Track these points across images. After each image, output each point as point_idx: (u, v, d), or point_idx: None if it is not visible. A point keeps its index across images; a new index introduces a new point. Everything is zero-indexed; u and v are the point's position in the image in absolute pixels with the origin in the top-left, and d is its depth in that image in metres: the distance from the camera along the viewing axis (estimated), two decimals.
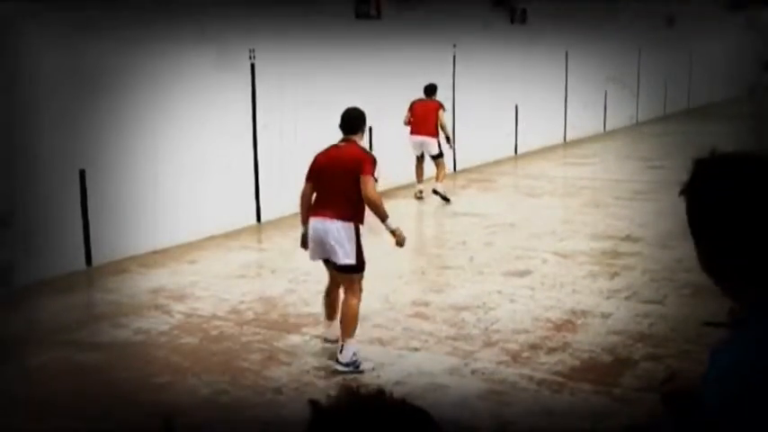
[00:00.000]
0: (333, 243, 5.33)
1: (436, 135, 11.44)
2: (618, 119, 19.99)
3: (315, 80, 10.55)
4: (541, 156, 15.84)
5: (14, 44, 7.21)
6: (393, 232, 5.54)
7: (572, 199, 11.73)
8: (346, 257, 5.35)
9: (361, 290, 5.49)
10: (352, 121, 5.64)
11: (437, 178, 11.61)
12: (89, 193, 7.91)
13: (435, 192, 11.56)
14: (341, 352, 5.40)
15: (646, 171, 13.76)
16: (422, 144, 11.57)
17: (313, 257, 5.58)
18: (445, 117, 11.54)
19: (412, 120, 11.50)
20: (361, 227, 5.47)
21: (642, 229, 9.49)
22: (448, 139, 11.50)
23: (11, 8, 7.14)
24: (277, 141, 10.14)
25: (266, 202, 10.06)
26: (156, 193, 8.58)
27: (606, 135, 18.80)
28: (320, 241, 5.41)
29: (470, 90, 13.97)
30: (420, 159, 11.79)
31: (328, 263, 5.58)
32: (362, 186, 5.30)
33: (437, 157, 11.55)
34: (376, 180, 5.41)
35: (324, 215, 5.38)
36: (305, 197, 5.60)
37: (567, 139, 17.92)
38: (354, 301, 5.43)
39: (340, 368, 5.36)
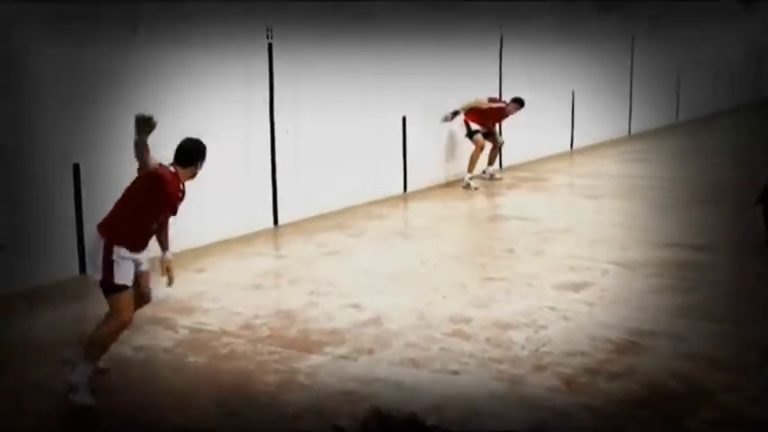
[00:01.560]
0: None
1: (469, 119, 12.31)
2: (693, 108, 19.81)
3: (340, 66, 10.54)
4: (601, 151, 15.72)
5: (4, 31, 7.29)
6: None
7: (636, 201, 11.62)
8: (96, 272, 5.45)
9: (123, 320, 5.42)
10: (186, 154, 5.68)
11: (468, 167, 12.37)
12: (84, 190, 7.95)
13: (462, 186, 12.27)
14: (73, 369, 5.33)
15: (722, 169, 13.59)
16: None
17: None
18: (482, 103, 12.33)
19: None
20: (116, 247, 5.40)
21: (717, 236, 9.37)
22: (454, 114, 12.32)
23: None
24: (297, 133, 10.14)
25: (285, 202, 10.06)
26: None
27: (678, 127, 18.64)
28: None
29: (519, 76, 13.90)
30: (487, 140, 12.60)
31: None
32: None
33: (471, 136, 12.40)
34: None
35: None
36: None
37: (633, 132, 17.79)
38: (111, 326, 5.40)
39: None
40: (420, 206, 11.45)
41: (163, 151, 5.59)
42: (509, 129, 13.57)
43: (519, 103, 12.59)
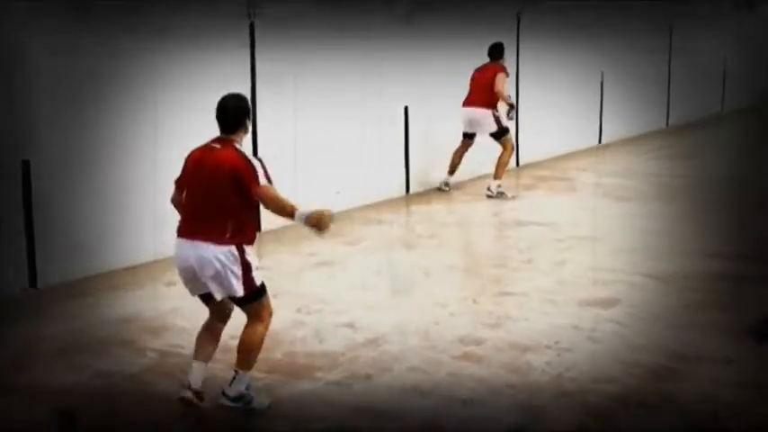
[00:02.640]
0: (210, 275, 5.45)
1: (491, 106, 11.79)
2: (743, 96, 19.77)
3: (333, 50, 10.53)
4: (633, 146, 15.72)
5: None
6: (308, 220, 5.62)
7: (673, 204, 11.63)
8: (231, 290, 5.49)
9: (269, 314, 5.68)
10: (232, 117, 5.60)
11: (496, 173, 11.86)
12: (35, 189, 7.92)
13: (489, 195, 11.70)
14: (231, 384, 5.58)
15: None
16: (471, 119, 11.96)
17: (191, 292, 5.73)
18: (505, 83, 11.78)
19: (468, 89, 11.93)
20: (247, 248, 5.59)
21: (765, 244, 9.35)
22: (511, 106, 11.83)
23: None
24: (281, 128, 10.14)
25: None
26: (129, 192, 8.59)
27: (725, 118, 18.65)
28: (192, 271, 5.52)
29: (540, 60, 13.91)
30: (465, 140, 12.09)
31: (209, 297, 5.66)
32: (263, 201, 5.59)
33: (500, 136, 11.91)
34: (270, 181, 5.60)
35: (195, 237, 5.50)
36: (175, 204, 5.76)
37: (671, 124, 17.79)
38: (260, 328, 5.62)
39: (227, 402, 5.55)
40: (424, 210, 11.44)
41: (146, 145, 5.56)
42: (524, 129, 13.54)
43: (498, 51, 12.00)
